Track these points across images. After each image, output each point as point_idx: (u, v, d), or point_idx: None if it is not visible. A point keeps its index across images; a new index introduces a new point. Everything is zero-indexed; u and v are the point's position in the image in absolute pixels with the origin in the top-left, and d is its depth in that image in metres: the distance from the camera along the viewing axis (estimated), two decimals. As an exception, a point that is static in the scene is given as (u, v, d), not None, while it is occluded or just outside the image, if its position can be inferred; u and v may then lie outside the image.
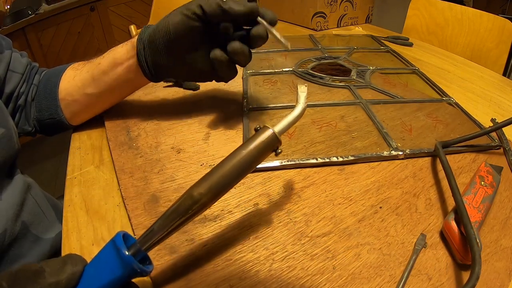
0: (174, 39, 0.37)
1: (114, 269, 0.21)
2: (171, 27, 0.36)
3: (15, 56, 0.44)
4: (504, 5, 1.54)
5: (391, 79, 0.57)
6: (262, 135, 0.25)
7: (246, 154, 0.25)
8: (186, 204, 0.23)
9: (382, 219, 0.31)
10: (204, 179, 0.24)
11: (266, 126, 0.26)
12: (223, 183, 0.24)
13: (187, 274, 0.26)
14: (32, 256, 0.39)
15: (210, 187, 0.23)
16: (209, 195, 0.23)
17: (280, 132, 0.26)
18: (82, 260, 0.22)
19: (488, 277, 0.26)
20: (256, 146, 0.25)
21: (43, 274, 0.19)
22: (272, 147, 0.26)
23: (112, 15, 2.10)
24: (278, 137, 0.26)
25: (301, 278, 0.26)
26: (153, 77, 0.41)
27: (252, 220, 0.30)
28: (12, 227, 0.36)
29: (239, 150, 0.25)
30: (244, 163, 0.24)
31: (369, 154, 0.38)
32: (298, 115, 0.28)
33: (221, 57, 0.37)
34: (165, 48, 0.38)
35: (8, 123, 0.38)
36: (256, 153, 0.25)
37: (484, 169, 0.35)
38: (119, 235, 0.22)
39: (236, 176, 0.24)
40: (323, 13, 0.87)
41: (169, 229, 0.23)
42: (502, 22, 0.76)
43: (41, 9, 1.82)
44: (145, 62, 0.39)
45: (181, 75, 0.42)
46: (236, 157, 0.24)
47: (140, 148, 0.40)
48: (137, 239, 0.22)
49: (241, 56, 0.37)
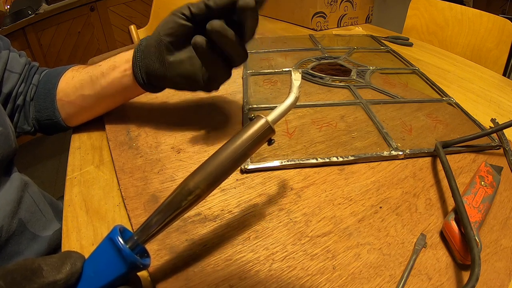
0: (163, 39, 0.36)
1: (116, 265, 0.20)
2: (160, 28, 0.36)
3: (13, 56, 0.44)
4: (504, 5, 1.54)
5: (391, 79, 0.57)
6: (255, 124, 0.25)
7: (240, 144, 0.25)
8: (181, 195, 0.23)
9: (382, 219, 0.31)
10: (199, 169, 0.24)
11: (259, 115, 0.26)
12: (218, 173, 0.24)
13: (187, 274, 0.26)
14: (29, 253, 0.39)
15: (205, 177, 0.23)
16: (204, 185, 0.23)
17: (273, 121, 0.26)
18: (80, 257, 0.21)
19: (488, 277, 0.26)
20: (249, 135, 0.25)
21: (41, 273, 0.19)
22: (266, 136, 0.26)
23: (112, 15, 2.10)
24: (271, 126, 0.26)
25: (301, 278, 0.26)
26: (145, 84, 0.40)
27: (252, 220, 0.30)
28: (9, 224, 0.36)
29: (233, 139, 0.25)
30: (238, 152, 0.25)
31: (369, 154, 0.38)
32: (291, 104, 0.27)
33: (201, 41, 0.33)
34: (155, 50, 0.37)
35: (5, 122, 0.39)
36: (250, 142, 0.25)
37: (484, 169, 0.35)
38: (115, 229, 0.21)
39: (231, 165, 0.24)
40: (323, 13, 0.87)
41: (165, 220, 0.23)
42: (502, 22, 0.76)
43: (41, 9, 1.82)
44: (139, 68, 0.39)
45: (169, 81, 0.39)
46: (230, 146, 0.25)
47: (140, 148, 0.40)
48: (134, 232, 0.22)
49: (223, 38, 0.32)
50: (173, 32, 0.36)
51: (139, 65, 0.39)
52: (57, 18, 1.87)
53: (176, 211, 0.23)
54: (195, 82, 0.38)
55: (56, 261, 0.20)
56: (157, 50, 0.37)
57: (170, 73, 0.38)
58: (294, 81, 0.28)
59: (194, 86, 0.38)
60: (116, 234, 0.21)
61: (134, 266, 0.21)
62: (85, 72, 0.42)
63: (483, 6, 1.04)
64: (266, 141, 0.26)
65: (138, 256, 0.21)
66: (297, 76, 0.29)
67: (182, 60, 0.37)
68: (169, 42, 0.36)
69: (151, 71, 0.38)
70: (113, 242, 0.21)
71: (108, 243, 0.21)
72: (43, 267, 0.19)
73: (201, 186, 0.23)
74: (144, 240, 0.22)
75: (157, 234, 0.23)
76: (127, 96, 0.44)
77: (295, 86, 0.28)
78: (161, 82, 0.40)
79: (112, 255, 0.21)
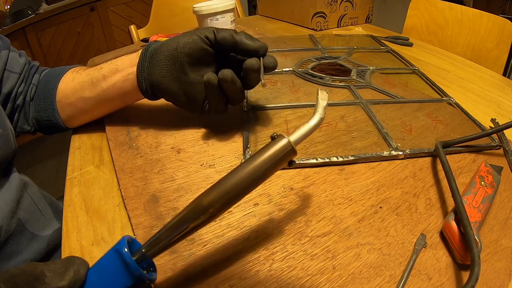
0: (182, 56, 0.37)
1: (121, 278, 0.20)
2: (180, 43, 0.37)
3: (13, 55, 0.44)
4: (504, 5, 1.54)
5: (391, 79, 0.57)
6: (277, 144, 0.24)
7: (260, 163, 0.23)
8: (195, 212, 0.22)
9: (382, 219, 0.31)
10: (215, 187, 0.23)
11: (282, 135, 0.25)
12: (235, 192, 0.23)
13: (187, 274, 0.26)
14: (28, 253, 0.39)
15: (221, 196, 0.22)
16: (219, 204, 0.22)
17: (296, 142, 0.25)
18: (84, 264, 0.21)
19: (488, 277, 0.26)
20: (270, 155, 0.24)
21: (43, 279, 0.19)
22: (287, 157, 0.24)
23: (112, 15, 2.10)
24: (293, 147, 0.24)
25: (301, 278, 0.26)
26: (146, 92, 0.40)
27: (252, 220, 0.30)
28: (8, 224, 0.37)
29: (252, 158, 0.24)
30: (258, 173, 0.23)
31: (369, 154, 0.38)
32: (315, 125, 0.26)
33: (214, 80, 0.36)
34: (169, 63, 0.37)
35: (5, 124, 0.39)
36: (270, 163, 0.23)
37: (484, 169, 0.35)
38: (123, 240, 0.21)
39: (249, 185, 0.23)
40: (323, 13, 0.87)
41: (176, 237, 0.22)
42: (502, 22, 0.76)
43: (41, 9, 1.82)
44: (143, 75, 0.39)
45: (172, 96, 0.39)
46: (249, 166, 0.23)
47: (140, 148, 0.40)
48: (143, 245, 0.22)
49: (231, 84, 0.36)
50: (193, 53, 0.37)
51: (144, 73, 0.39)
52: (57, 18, 1.87)
53: (187, 228, 0.22)
54: (195, 106, 0.40)
55: (60, 267, 0.20)
56: (171, 64, 0.37)
57: (178, 90, 0.38)
58: (321, 100, 0.27)
59: (193, 108, 0.40)
60: (123, 246, 0.20)
61: (140, 281, 0.20)
62: (86, 74, 0.42)
63: (483, 6, 1.04)
64: (287, 162, 0.25)
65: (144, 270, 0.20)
66: (324, 95, 0.27)
67: (192, 83, 0.38)
68: (187, 62, 0.37)
69: (157, 81, 0.38)
70: (120, 254, 0.20)
71: (115, 255, 0.20)
72: (46, 273, 0.19)
73: (216, 205, 0.22)
74: (152, 254, 0.21)
75: (166, 249, 0.22)
76: (127, 100, 0.43)
77: (321, 106, 0.26)
78: (163, 94, 0.40)
79: (119, 267, 0.20)
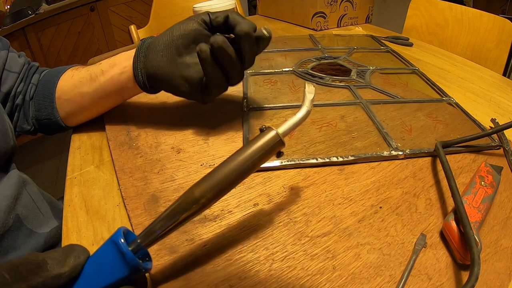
0: (176, 39, 0.37)
1: (118, 268, 0.21)
2: (175, 28, 0.37)
3: (12, 56, 0.44)
4: (504, 5, 1.54)
5: (391, 79, 0.57)
6: (266, 136, 0.25)
7: (249, 155, 0.24)
8: (187, 203, 0.23)
9: (382, 219, 0.31)
10: (206, 178, 0.24)
11: (270, 127, 0.26)
12: (225, 183, 0.24)
13: (187, 274, 0.26)
14: (26, 249, 0.39)
15: (212, 187, 0.23)
16: (210, 194, 0.23)
17: (284, 134, 0.26)
18: (83, 251, 0.21)
19: (488, 277, 0.26)
20: (259, 147, 0.25)
21: (45, 267, 0.19)
22: (276, 149, 0.25)
23: (112, 15, 2.10)
24: (281, 138, 0.25)
25: (301, 278, 0.26)
26: (144, 84, 0.40)
27: (252, 220, 0.30)
28: (5, 219, 0.37)
29: (242, 150, 0.25)
30: (247, 164, 0.24)
31: (369, 154, 0.38)
32: (302, 117, 0.27)
33: (206, 49, 0.35)
34: (164, 48, 0.37)
35: (3, 119, 0.39)
36: (259, 154, 0.25)
37: (484, 169, 0.35)
38: (119, 231, 0.21)
39: (239, 176, 0.24)
40: (323, 13, 0.87)
41: (169, 226, 0.23)
42: (502, 22, 0.76)
43: (41, 9, 1.82)
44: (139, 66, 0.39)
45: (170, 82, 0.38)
46: (239, 157, 0.24)
47: (140, 148, 0.40)
48: (138, 235, 0.22)
49: (223, 52, 0.34)
50: (188, 34, 0.37)
51: (140, 63, 0.39)
52: (57, 18, 1.87)
53: (180, 218, 0.23)
54: (195, 89, 0.38)
55: (60, 254, 0.20)
56: (166, 48, 0.37)
57: (174, 74, 0.38)
58: (308, 94, 0.28)
59: (192, 93, 0.39)
60: (119, 237, 0.21)
61: (136, 270, 0.21)
62: (85, 71, 0.42)
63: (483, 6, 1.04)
64: (275, 153, 0.26)
65: (140, 259, 0.21)
66: (310, 89, 0.28)
67: (188, 64, 0.38)
68: (181, 44, 0.37)
69: (153, 69, 0.38)
70: (116, 245, 0.21)
71: (112, 245, 0.21)
72: (47, 261, 0.19)
73: (207, 195, 0.23)
74: (147, 244, 0.22)
75: (160, 239, 0.23)
76: (124, 95, 0.43)
77: (307, 99, 0.27)
78: (161, 82, 0.39)
79: (115, 257, 0.21)
